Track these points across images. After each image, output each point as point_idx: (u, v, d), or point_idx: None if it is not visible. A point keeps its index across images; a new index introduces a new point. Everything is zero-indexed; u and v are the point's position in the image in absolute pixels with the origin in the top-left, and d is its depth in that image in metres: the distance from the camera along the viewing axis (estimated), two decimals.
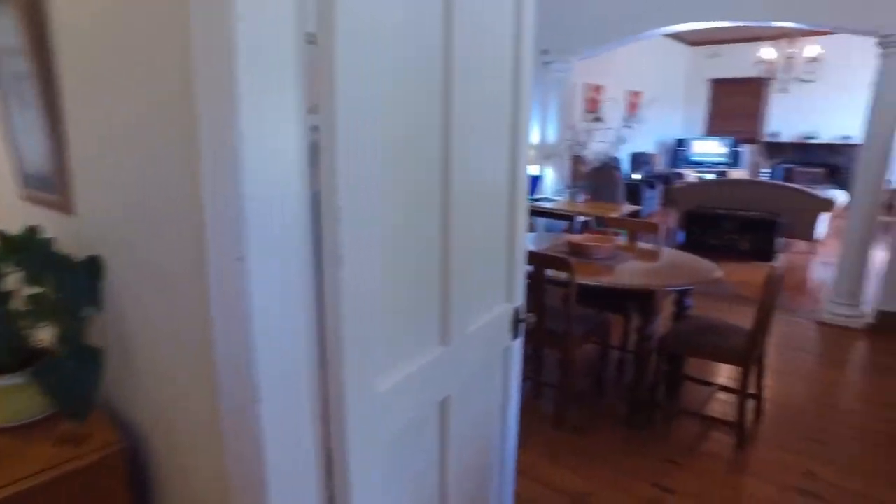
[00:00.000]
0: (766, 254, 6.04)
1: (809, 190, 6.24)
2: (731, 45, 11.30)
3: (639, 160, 9.84)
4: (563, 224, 5.15)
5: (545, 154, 5.39)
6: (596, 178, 5.17)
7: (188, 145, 0.96)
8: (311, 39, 0.90)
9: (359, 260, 1.00)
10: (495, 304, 1.54)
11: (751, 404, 2.86)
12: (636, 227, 3.55)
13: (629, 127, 5.02)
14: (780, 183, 6.50)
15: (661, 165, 11.31)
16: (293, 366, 1.00)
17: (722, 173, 11.07)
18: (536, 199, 5.03)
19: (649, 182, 8.98)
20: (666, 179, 9.48)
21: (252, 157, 0.86)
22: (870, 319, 4.06)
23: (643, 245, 3.48)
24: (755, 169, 11.27)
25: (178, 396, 1.20)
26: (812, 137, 10.70)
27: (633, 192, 8.45)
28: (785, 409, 3.02)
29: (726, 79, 11.38)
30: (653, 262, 3.10)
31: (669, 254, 3.33)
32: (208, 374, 1.05)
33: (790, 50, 7.54)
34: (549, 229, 5.63)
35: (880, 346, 3.83)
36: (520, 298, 1.64)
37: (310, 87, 0.92)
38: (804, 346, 3.85)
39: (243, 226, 0.87)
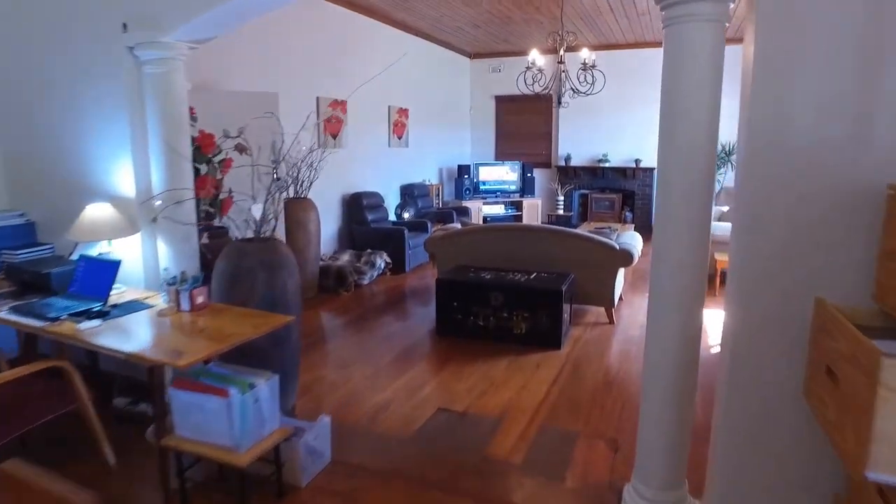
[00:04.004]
0: (551, 336, 4.15)
1: (605, 240, 4.50)
2: (512, 59, 9.90)
3: (410, 194, 7.81)
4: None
5: (147, 215, 2.89)
6: (227, 261, 2.76)
7: None
8: None
9: None
10: None
11: None
12: None
13: (304, 153, 2.75)
14: (569, 231, 4.70)
15: (448, 197, 9.48)
16: None
17: (516, 204, 9.56)
18: (100, 313, 2.46)
19: (419, 224, 6.94)
20: (444, 218, 7.54)
21: None
22: None
23: None
24: (552, 196, 9.95)
25: None
26: (603, 161, 9.61)
27: (393, 241, 6.32)
28: None
29: (512, 95, 9.93)
30: None
31: None
32: None
33: (561, 53, 5.99)
34: (134, 402, 2.91)
35: None
36: None
37: None
38: None
39: None
